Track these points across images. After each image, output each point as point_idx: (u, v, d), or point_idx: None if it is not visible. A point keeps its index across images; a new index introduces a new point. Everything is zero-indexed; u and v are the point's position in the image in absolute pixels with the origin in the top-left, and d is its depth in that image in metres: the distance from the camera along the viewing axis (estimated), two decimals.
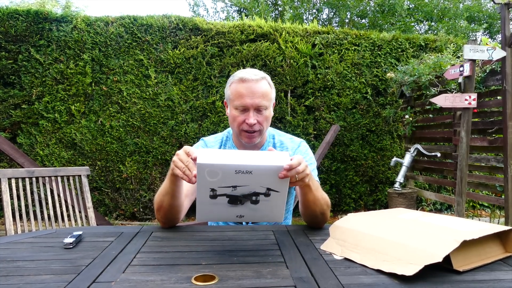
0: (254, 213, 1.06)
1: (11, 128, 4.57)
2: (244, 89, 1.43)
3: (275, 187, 1.03)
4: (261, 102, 1.44)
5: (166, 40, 4.78)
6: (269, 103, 1.48)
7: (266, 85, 1.47)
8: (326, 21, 12.63)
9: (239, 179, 1.00)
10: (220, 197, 1.02)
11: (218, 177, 0.99)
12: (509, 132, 3.10)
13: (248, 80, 1.44)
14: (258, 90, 1.44)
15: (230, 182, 1.00)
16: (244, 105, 1.43)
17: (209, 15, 13.22)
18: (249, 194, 1.03)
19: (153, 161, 4.76)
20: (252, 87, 1.43)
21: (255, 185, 1.02)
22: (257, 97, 1.43)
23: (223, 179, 1.00)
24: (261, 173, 1.00)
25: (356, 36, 5.19)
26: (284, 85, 4.94)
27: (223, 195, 1.02)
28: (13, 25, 4.49)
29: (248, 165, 0.98)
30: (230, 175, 0.99)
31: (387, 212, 1.27)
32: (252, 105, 1.43)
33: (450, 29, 10.74)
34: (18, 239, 1.20)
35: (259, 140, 1.53)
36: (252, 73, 1.46)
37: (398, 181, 4.29)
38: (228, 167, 0.98)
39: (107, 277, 0.87)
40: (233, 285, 0.83)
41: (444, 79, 3.78)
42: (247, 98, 1.43)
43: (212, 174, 0.98)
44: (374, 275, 0.89)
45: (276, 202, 1.05)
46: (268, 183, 1.02)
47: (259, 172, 1.00)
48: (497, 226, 1.02)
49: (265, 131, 1.52)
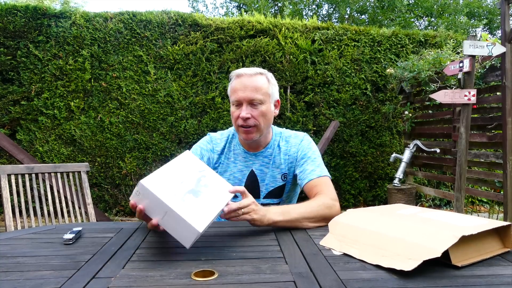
0: (186, 206, 1.00)
1: (10, 124, 4.56)
2: (238, 84, 1.46)
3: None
4: (253, 95, 1.44)
5: (165, 36, 4.77)
6: (264, 97, 1.47)
7: (262, 79, 1.48)
8: (325, 17, 12.60)
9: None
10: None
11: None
12: (509, 128, 3.10)
13: (242, 75, 1.46)
14: (251, 84, 1.44)
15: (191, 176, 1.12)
16: (237, 99, 1.45)
17: (208, 11, 13.20)
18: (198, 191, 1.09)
19: (152, 157, 4.76)
20: (244, 81, 1.45)
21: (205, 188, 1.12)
22: (249, 91, 1.44)
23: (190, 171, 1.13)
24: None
25: (355, 32, 5.18)
26: (284, 81, 4.93)
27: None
28: (12, 21, 4.48)
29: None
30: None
31: (386, 207, 1.28)
32: (245, 99, 1.44)
33: (450, 24, 10.72)
34: (18, 235, 1.21)
35: (259, 137, 1.52)
36: (249, 69, 1.48)
37: (397, 177, 4.30)
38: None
39: (106, 272, 0.88)
40: (233, 280, 0.83)
41: (443, 75, 3.77)
42: (240, 91, 1.44)
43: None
44: (373, 271, 0.89)
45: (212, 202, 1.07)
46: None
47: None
48: (496, 221, 1.02)
49: (264, 127, 1.50)
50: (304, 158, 1.54)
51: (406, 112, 4.57)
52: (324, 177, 1.48)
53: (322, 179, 1.47)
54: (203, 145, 1.61)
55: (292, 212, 1.24)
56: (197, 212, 0.98)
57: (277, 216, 1.20)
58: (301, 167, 1.53)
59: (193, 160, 1.19)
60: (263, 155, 1.58)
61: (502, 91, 3.15)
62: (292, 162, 1.58)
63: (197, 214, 0.97)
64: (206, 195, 1.07)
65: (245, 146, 1.59)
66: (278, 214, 1.20)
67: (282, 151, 1.59)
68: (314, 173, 1.48)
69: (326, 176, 1.49)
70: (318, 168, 1.50)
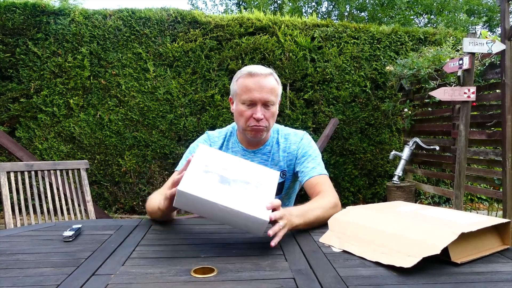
0: (241, 197, 1.02)
1: (9, 121, 4.55)
2: (252, 83, 1.42)
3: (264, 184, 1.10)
4: (269, 97, 1.43)
5: (165, 33, 4.76)
6: (276, 99, 1.47)
7: (273, 81, 1.47)
8: (325, 14, 12.58)
9: (232, 167, 1.10)
10: (212, 174, 1.06)
11: (214, 159, 1.10)
12: (508, 125, 3.10)
13: (256, 75, 1.43)
14: (267, 85, 1.43)
15: (222, 166, 1.10)
16: (252, 99, 1.42)
17: (207, 8, 13.18)
18: (240, 181, 1.07)
19: (152, 154, 4.76)
20: (260, 81, 1.43)
21: (248, 176, 1.10)
22: (265, 92, 1.42)
23: (215, 163, 1.10)
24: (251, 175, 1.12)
25: (355, 29, 5.17)
26: (283, 78, 4.93)
27: (215, 173, 1.07)
28: (10, 18, 4.46)
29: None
30: (225, 160, 1.11)
31: (386, 205, 1.28)
32: (261, 100, 1.42)
33: (450, 22, 10.71)
34: (17, 232, 1.21)
35: (264, 136, 1.53)
36: (261, 69, 1.46)
37: (396, 175, 4.30)
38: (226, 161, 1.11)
39: (106, 269, 0.88)
40: (232, 277, 0.83)
41: (443, 73, 3.77)
42: (256, 92, 1.42)
43: (210, 156, 1.11)
44: (372, 267, 0.89)
45: (265, 193, 1.07)
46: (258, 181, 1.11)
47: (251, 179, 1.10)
48: (495, 218, 1.03)
49: (271, 127, 1.52)
50: (305, 156, 1.54)
51: (405, 110, 4.57)
52: (325, 175, 1.49)
53: (322, 177, 1.48)
54: (201, 143, 1.61)
55: (309, 214, 1.21)
56: (255, 203, 1.02)
57: (298, 220, 1.16)
58: (301, 164, 1.53)
59: (211, 152, 1.17)
60: (262, 152, 1.58)
61: (501, 89, 3.15)
62: (292, 159, 1.58)
63: (256, 205, 1.01)
64: (249, 182, 1.09)
65: (244, 143, 1.59)
66: (299, 218, 1.17)
67: (281, 148, 1.58)
68: (315, 170, 1.48)
69: (326, 175, 1.51)
70: (318, 166, 1.51)
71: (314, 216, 1.22)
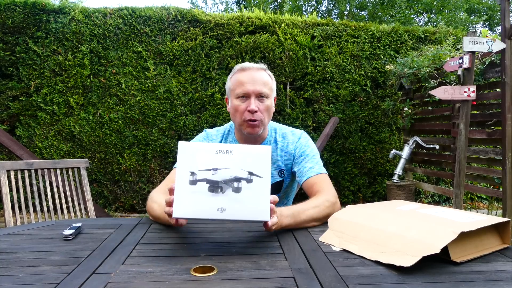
0: (237, 205, 1.00)
1: (9, 120, 4.55)
2: (245, 77, 1.45)
3: (257, 172, 1.02)
4: (262, 89, 1.45)
5: (165, 32, 4.76)
6: (270, 92, 1.49)
7: (266, 75, 1.50)
8: (325, 13, 12.57)
9: (219, 160, 1.02)
10: (200, 182, 1.00)
11: (198, 159, 1.03)
12: (508, 124, 3.10)
13: (249, 69, 1.47)
14: (260, 78, 1.46)
15: (211, 165, 1.02)
16: (245, 91, 1.44)
17: (207, 7, 13.17)
18: (230, 180, 1.01)
19: (152, 153, 4.76)
20: (253, 74, 1.46)
21: (236, 168, 1.02)
22: (258, 84, 1.45)
23: (203, 161, 1.02)
24: (241, 156, 1.03)
25: (355, 28, 5.17)
26: (283, 77, 4.93)
27: (203, 180, 1.01)
28: (10, 16, 4.46)
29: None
30: (210, 156, 1.03)
31: (386, 204, 1.28)
32: (254, 92, 1.44)
33: (450, 21, 10.71)
34: (17, 231, 1.21)
35: (261, 132, 1.52)
36: (253, 64, 1.50)
37: (396, 173, 4.30)
38: (208, 149, 1.04)
39: (106, 268, 0.88)
40: (232, 276, 0.83)
41: (443, 71, 3.76)
42: (248, 84, 1.44)
43: (192, 156, 1.03)
44: (372, 267, 0.89)
45: (260, 190, 1.01)
46: (250, 167, 1.02)
47: (239, 155, 1.03)
48: (495, 217, 1.03)
49: (266, 123, 1.52)
50: (303, 155, 1.54)
51: (405, 109, 4.57)
52: (323, 174, 1.49)
53: (321, 177, 1.47)
54: (199, 141, 1.61)
55: (302, 215, 1.21)
56: (252, 204, 1.00)
57: (288, 220, 1.16)
58: (299, 164, 1.53)
59: (193, 149, 1.08)
60: None
61: (501, 88, 3.15)
62: (290, 159, 1.58)
63: (254, 206, 1.00)
64: (241, 177, 1.03)
65: (241, 141, 1.59)
66: (289, 218, 1.17)
67: (278, 147, 1.59)
68: (312, 170, 1.48)
69: (325, 173, 1.50)
70: (316, 166, 1.50)
71: (307, 216, 1.22)
